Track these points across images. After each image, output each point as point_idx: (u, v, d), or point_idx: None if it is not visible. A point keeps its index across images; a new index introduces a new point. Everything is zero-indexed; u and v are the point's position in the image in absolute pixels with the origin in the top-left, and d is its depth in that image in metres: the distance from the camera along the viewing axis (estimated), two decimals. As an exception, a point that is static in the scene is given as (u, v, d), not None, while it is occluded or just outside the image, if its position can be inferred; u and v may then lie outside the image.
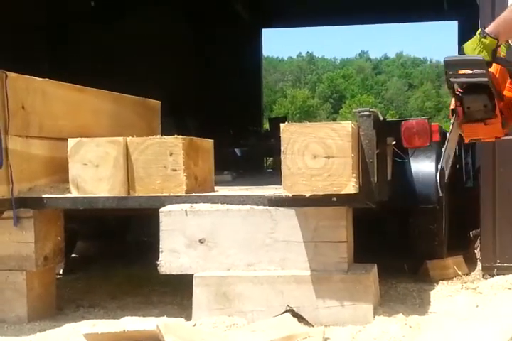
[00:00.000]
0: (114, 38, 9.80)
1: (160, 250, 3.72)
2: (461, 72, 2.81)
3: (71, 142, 3.90)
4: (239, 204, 3.73)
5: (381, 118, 3.92)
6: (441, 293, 4.40)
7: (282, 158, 3.45)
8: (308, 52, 72.64)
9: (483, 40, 2.81)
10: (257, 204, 3.71)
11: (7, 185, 3.70)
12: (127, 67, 9.75)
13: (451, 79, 2.84)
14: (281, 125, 3.47)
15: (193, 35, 13.30)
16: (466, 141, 3.02)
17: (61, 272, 5.21)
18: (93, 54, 9.17)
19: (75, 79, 4.46)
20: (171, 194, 3.81)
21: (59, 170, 4.04)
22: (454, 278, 4.77)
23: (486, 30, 2.82)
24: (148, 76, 10.43)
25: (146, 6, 10.99)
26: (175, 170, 3.83)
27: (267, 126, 15.47)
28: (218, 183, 4.56)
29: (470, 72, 2.79)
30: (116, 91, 4.94)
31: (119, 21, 10.07)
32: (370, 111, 3.64)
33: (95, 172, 3.86)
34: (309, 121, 3.69)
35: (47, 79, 4.12)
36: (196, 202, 3.78)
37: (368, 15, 13.52)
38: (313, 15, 13.33)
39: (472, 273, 4.89)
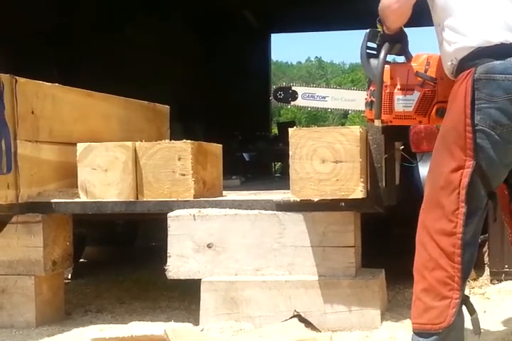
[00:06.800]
0: (123, 44, 9.81)
1: (168, 255, 3.72)
2: None
3: (80, 147, 3.91)
4: (247, 209, 3.74)
5: (389, 123, 3.91)
6: (449, 299, 4.38)
7: (290, 163, 3.46)
8: (317, 56, 72.64)
9: None
10: (265, 209, 3.71)
11: (15, 190, 3.70)
12: (136, 73, 9.76)
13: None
14: (290, 130, 3.47)
15: (201, 40, 13.31)
16: None
17: (69, 277, 5.22)
18: (102, 61, 9.18)
19: (84, 85, 4.47)
20: (180, 199, 3.81)
21: (68, 174, 4.05)
22: (462, 284, 4.75)
23: None
24: (157, 82, 10.44)
25: (155, 14, 11.04)
26: (183, 174, 3.83)
27: (275, 130, 15.44)
28: (227, 188, 4.56)
29: None
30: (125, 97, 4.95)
31: (127, 29, 10.11)
32: (378, 116, 3.63)
33: (104, 176, 3.86)
34: (317, 126, 3.69)
35: (56, 84, 4.13)
36: (204, 207, 3.78)
37: (377, 20, 13.49)
38: (321, 20, 13.31)
39: (480, 278, 4.87)
